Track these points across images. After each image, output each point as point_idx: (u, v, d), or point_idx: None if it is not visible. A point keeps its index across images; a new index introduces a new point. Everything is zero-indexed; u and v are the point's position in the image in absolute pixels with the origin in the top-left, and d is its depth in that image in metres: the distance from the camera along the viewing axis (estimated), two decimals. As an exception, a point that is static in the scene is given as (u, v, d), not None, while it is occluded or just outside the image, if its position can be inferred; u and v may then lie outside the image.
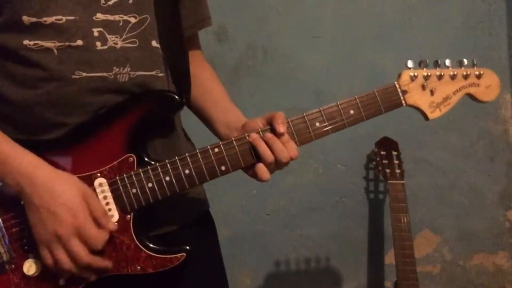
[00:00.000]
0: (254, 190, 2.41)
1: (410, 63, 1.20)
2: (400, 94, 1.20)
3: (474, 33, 2.40)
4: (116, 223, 1.11)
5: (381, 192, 2.43)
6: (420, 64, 1.21)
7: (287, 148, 1.16)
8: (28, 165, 1.05)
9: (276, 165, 1.17)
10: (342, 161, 2.44)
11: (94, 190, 1.11)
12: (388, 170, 2.16)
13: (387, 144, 2.23)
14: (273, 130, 1.17)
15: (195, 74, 1.34)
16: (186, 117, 1.35)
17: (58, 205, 1.03)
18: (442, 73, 1.19)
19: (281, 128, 1.15)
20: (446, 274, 2.48)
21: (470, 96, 1.22)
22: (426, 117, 1.22)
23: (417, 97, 1.20)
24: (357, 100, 1.20)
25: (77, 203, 1.05)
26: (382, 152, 2.20)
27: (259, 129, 1.18)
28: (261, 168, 1.16)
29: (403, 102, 1.20)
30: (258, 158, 1.17)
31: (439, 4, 2.39)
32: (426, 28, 2.39)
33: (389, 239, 2.31)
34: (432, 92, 1.20)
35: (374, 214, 2.45)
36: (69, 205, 1.04)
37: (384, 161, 2.18)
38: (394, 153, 2.20)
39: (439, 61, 1.20)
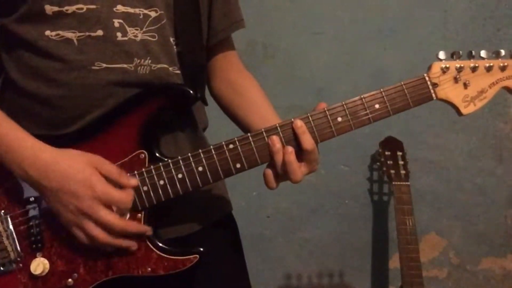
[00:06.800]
0: (254, 192, 2.39)
1: (441, 55, 1.14)
2: (430, 87, 1.14)
3: (482, 30, 2.37)
4: (137, 178, 1.09)
5: (386, 194, 2.41)
6: (452, 56, 1.14)
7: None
8: (30, 149, 1.04)
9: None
10: (345, 161, 2.42)
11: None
12: (392, 171, 2.13)
13: (391, 144, 2.20)
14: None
15: (236, 82, 1.38)
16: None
17: (70, 182, 1.02)
18: (477, 65, 1.13)
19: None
20: (453, 278, 2.47)
21: (508, 89, 1.15)
22: (459, 113, 1.16)
23: (449, 90, 1.13)
24: (383, 93, 1.14)
25: (88, 173, 1.03)
26: (386, 153, 2.17)
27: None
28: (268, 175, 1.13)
29: (434, 95, 1.14)
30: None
31: (445, -1, 2.37)
32: (432, 24, 2.36)
33: (394, 243, 2.29)
34: (465, 85, 1.13)
35: (378, 216, 2.43)
36: (81, 178, 1.02)
37: (388, 162, 2.16)
38: (399, 153, 2.17)
39: (473, 52, 1.13)
